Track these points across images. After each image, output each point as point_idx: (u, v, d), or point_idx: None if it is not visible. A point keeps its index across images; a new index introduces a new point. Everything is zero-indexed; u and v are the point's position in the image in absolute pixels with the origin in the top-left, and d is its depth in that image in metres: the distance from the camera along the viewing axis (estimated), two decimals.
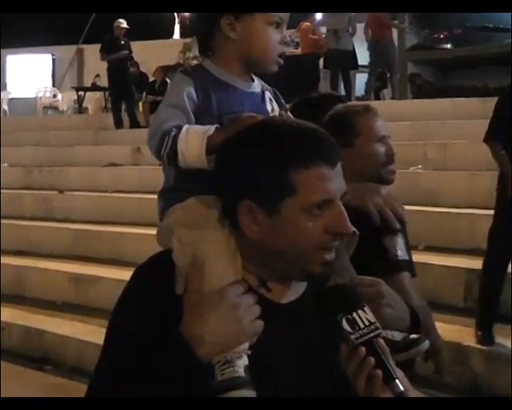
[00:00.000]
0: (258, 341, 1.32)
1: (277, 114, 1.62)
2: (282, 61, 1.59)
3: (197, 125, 1.49)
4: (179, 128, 1.48)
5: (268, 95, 1.62)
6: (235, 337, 1.29)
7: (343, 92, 12.15)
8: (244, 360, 1.29)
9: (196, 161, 1.46)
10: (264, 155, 1.34)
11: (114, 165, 9.89)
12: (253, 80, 1.63)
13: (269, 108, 1.60)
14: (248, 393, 1.27)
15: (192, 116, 1.51)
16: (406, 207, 5.92)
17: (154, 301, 1.36)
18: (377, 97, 11.53)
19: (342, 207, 1.35)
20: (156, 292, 1.37)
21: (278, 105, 1.64)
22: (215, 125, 1.48)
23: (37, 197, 9.29)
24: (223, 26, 1.55)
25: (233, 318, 1.28)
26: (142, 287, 1.40)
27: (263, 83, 1.65)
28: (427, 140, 7.78)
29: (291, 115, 1.65)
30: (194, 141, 1.46)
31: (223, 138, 1.43)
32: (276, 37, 1.57)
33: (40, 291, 7.04)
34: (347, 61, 11.16)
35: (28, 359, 5.95)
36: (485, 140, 5.29)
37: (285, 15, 1.60)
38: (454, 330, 4.78)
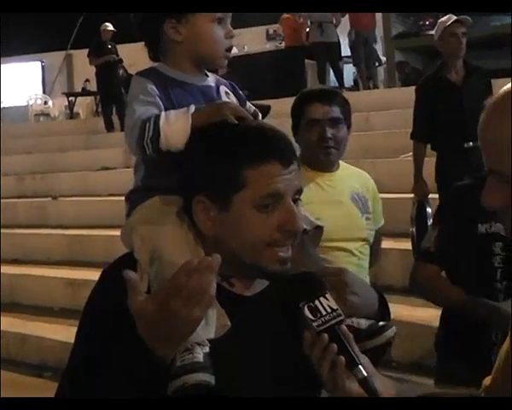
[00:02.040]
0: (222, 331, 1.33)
1: None
2: (230, 55, 1.60)
3: (174, 111, 1.50)
4: (158, 114, 1.49)
5: (223, 89, 1.64)
6: (188, 322, 1.24)
7: (332, 83, 12.20)
8: (204, 348, 1.30)
9: (180, 140, 1.46)
10: (217, 152, 1.38)
11: (107, 168, 9.90)
12: (207, 75, 1.64)
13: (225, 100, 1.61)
14: (206, 377, 1.27)
15: (163, 109, 1.52)
16: (396, 195, 5.97)
17: (119, 303, 1.35)
18: (366, 87, 11.55)
19: (293, 206, 1.37)
20: (120, 294, 1.35)
21: (236, 98, 1.65)
22: (192, 106, 1.48)
23: (30, 205, 9.30)
24: (167, 30, 1.57)
25: (181, 301, 1.21)
26: (108, 290, 1.42)
27: (218, 77, 1.66)
28: None
29: (251, 106, 1.66)
30: (178, 121, 1.47)
31: (205, 117, 1.45)
32: (221, 32, 1.58)
33: (37, 298, 7.04)
34: (333, 53, 11.17)
35: (26, 366, 5.96)
36: (411, 138, 5.30)
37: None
38: None
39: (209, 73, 1.65)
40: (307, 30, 12.09)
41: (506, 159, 1.06)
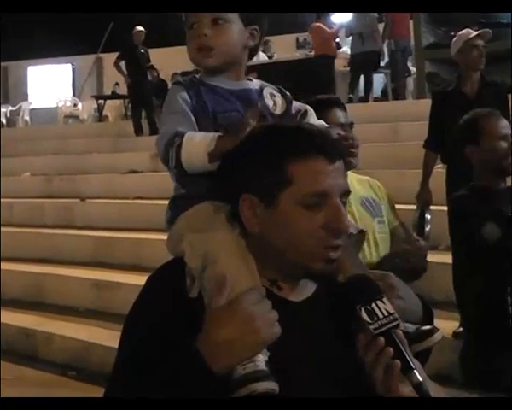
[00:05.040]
0: None
1: (280, 108, 1.65)
2: (205, 54, 1.62)
3: (198, 135, 1.53)
4: (181, 137, 1.52)
5: (268, 90, 1.65)
6: (252, 348, 1.28)
7: (360, 93, 12.20)
8: (264, 355, 1.30)
9: (200, 170, 1.52)
10: (262, 149, 1.39)
11: (134, 172, 9.95)
12: (251, 80, 1.67)
13: (269, 102, 1.63)
14: (271, 385, 1.27)
15: (192, 117, 1.57)
16: None
17: (167, 308, 1.38)
18: (395, 98, 11.52)
19: (340, 204, 1.37)
20: (169, 299, 1.39)
21: (283, 98, 1.67)
22: (215, 136, 1.50)
23: (58, 205, 9.37)
24: None
25: (250, 330, 1.27)
26: (155, 295, 1.42)
27: (263, 82, 1.69)
28: None
29: (297, 104, 1.68)
30: (195, 155, 1.51)
31: (223, 151, 1.47)
32: (191, 36, 1.65)
33: (62, 298, 7.09)
34: (371, 63, 11.26)
35: (52, 364, 6.01)
36: (424, 146, 5.34)
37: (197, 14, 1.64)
38: None
39: (254, 79, 1.68)
40: (337, 40, 12.14)
41: None
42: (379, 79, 12.73)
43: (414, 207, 5.83)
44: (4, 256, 7.87)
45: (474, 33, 5.20)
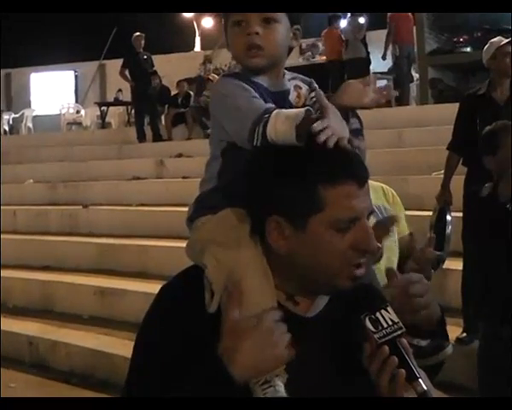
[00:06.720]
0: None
1: (303, 99, 1.63)
2: (254, 53, 1.59)
3: (284, 111, 1.47)
4: (268, 115, 1.46)
5: (293, 82, 1.64)
6: (272, 363, 1.29)
7: None
8: (283, 378, 1.31)
9: (287, 143, 1.43)
10: (293, 171, 1.36)
11: (138, 178, 9.96)
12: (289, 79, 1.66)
13: (292, 96, 1.62)
14: None
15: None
16: (428, 213, 5.90)
17: (183, 319, 1.37)
18: (398, 104, 11.51)
19: (368, 225, 1.37)
20: (187, 314, 1.38)
21: (310, 88, 1.65)
22: (304, 110, 1.44)
23: (62, 213, 9.39)
24: None
25: (269, 344, 1.28)
26: (172, 305, 1.41)
27: (296, 74, 1.67)
28: None
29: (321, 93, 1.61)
30: (283, 130, 1.43)
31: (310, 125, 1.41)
32: (239, 33, 1.60)
33: (67, 305, 7.10)
34: (359, 69, 11.28)
35: (55, 372, 6.02)
36: (447, 148, 5.37)
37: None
38: None
39: (288, 73, 1.66)
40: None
41: None
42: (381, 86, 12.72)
43: (418, 213, 5.84)
44: (8, 264, 7.89)
45: (506, 40, 5.27)
